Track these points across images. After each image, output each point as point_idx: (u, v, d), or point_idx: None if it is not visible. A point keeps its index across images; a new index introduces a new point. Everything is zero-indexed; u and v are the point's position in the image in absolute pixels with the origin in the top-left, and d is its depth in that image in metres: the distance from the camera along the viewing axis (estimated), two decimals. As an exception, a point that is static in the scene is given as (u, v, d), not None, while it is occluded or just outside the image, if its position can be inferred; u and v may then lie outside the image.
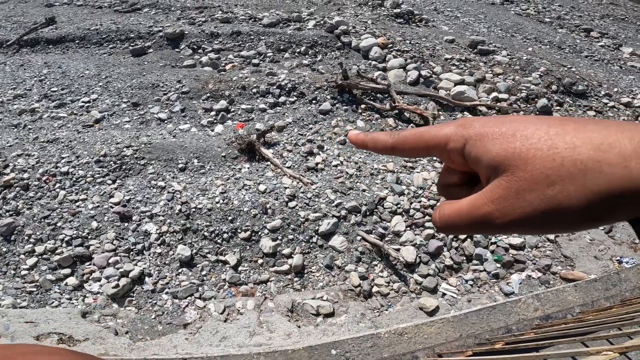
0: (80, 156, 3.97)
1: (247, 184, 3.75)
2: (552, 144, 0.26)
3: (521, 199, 0.26)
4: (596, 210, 0.25)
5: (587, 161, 0.24)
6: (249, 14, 6.59)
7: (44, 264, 3.15)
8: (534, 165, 0.26)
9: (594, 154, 0.24)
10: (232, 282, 3.17)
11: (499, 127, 0.29)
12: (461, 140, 0.31)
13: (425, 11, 8.30)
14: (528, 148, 0.26)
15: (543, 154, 0.26)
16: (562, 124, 0.27)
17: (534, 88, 5.65)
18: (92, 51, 6.13)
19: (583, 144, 0.25)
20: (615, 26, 11.43)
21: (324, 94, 4.87)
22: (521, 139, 0.27)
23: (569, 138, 0.25)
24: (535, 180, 0.26)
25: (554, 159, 0.25)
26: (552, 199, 0.25)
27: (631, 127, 0.25)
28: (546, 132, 0.26)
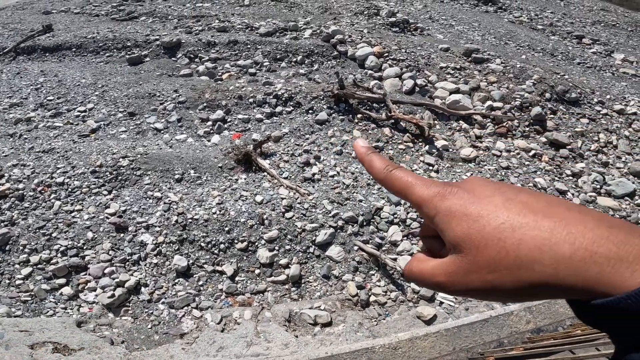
0: (76, 166, 3.96)
1: (244, 194, 3.76)
2: (503, 237, 0.30)
3: (467, 278, 0.32)
4: (523, 295, 0.31)
5: (524, 258, 0.29)
6: (245, 23, 6.62)
7: (38, 273, 3.14)
8: (482, 254, 0.31)
9: (532, 253, 0.29)
10: (229, 292, 3.17)
11: (468, 207, 0.33)
12: (433, 211, 0.35)
13: (420, 20, 8.39)
14: (483, 237, 0.31)
15: (493, 244, 0.31)
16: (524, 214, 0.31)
17: (527, 96, 5.72)
18: (89, 59, 6.13)
19: (528, 241, 0.29)
20: (606, 32, 11.58)
21: (320, 104, 4.90)
22: (479, 228, 0.32)
23: (519, 234, 0.30)
24: (481, 266, 0.31)
25: (499, 251, 0.30)
26: (490, 282, 0.31)
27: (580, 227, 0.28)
28: (504, 221, 0.31)
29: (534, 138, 5.26)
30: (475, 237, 0.32)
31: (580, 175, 4.79)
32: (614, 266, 0.26)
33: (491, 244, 0.31)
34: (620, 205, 4.45)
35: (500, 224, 0.31)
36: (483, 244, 0.31)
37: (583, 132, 5.49)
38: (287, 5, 7.80)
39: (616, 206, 4.42)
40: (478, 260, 0.31)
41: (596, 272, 0.27)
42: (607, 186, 4.68)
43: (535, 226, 0.29)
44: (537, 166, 4.81)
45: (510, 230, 0.30)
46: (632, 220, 4.29)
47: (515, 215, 0.31)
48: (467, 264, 0.32)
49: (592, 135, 5.54)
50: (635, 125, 5.88)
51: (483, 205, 0.33)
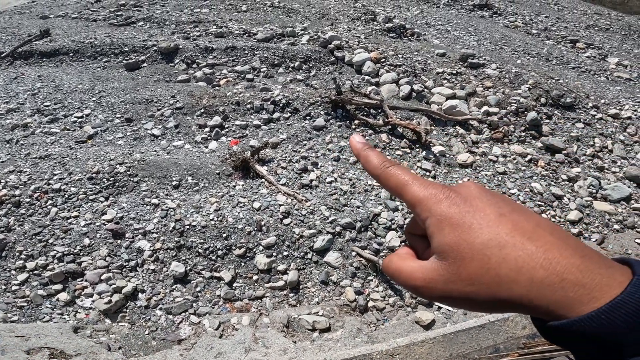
0: (73, 173, 3.96)
1: (242, 201, 3.76)
2: (488, 254, 0.32)
3: (446, 287, 0.33)
4: (494, 308, 0.33)
5: (503, 277, 0.31)
6: (243, 29, 6.64)
7: (35, 279, 3.14)
8: (466, 267, 0.32)
9: (511, 273, 0.31)
10: (227, 298, 3.18)
11: (462, 216, 0.34)
12: (426, 214, 0.36)
13: (416, 25, 8.45)
14: (470, 249, 0.32)
15: (479, 259, 0.32)
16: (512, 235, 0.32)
17: (523, 101, 5.75)
18: (86, 65, 6.13)
19: (509, 261, 0.31)
20: (600, 36, 11.69)
21: (317, 110, 4.92)
22: (469, 240, 0.33)
23: (503, 253, 0.32)
24: (462, 278, 0.32)
25: (482, 266, 0.32)
26: (467, 294, 0.33)
27: (556, 254, 0.31)
28: (492, 238, 0.32)
29: (529, 143, 5.30)
30: (463, 248, 0.33)
31: (576, 180, 4.82)
32: (576, 292, 0.29)
33: (477, 258, 0.32)
34: (617, 210, 4.48)
35: (489, 239, 0.32)
36: (469, 256, 0.32)
37: (578, 137, 5.53)
38: (285, 11, 7.83)
39: (612, 210, 4.45)
40: (461, 272, 0.32)
41: (561, 295, 0.29)
42: (603, 190, 4.71)
43: (520, 247, 0.31)
44: (534, 171, 4.84)
45: (497, 248, 0.32)
46: (629, 224, 4.32)
47: (504, 234, 0.32)
48: (449, 273, 0.33)
49: (587, 139, 5.59)
50: (630, 129, 5.92)
51: (477, 217, 0.33)
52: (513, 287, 0.31)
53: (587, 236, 4.15)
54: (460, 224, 0.33)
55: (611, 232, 4.23)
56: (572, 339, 0.29)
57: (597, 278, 0.29)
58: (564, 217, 4.29)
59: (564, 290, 0.29)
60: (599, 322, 0.28)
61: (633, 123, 6.00)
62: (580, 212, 4.34)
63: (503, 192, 4.43)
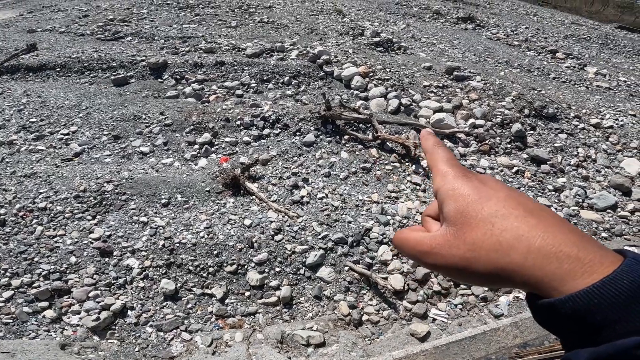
0: (59, 191, 3.90)
1: (232, 218, 3.74)
2: (492, 221, 0.34)
3: (449, 251, 0.36)
4: (492, 278, 0.34)
5: (504, 243, 0.33)
6: (232, 44, 6.67)
7: (20, 296, 3.08)
8: (471, 232, 0.35)
9: (511, 240, 0.33)
10: (219, 315, 3.15)
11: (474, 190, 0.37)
12: (443, 183, 0.40)
13: (403, 39, 8.60)
14: (477, 217, 0.35)
15: (483, 226, 0.34)
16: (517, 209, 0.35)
17: (507, 113, 5.87)
18: (73, 80, 6.07)
19: (510, 229, 0.33)
20: (578, 46, 12.05)
21: (307, 126, 4.94)
22: (478, 209, 0.36)
23: (506, 223, 0.34)
24: (466, 242, 0.35)
25: (485, 233, 0.34)
26: (467, 260, 0.34)
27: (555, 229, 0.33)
28: (498, 209, 0.35)
29: (515, 155, 5.40)
30: (470, 215, 0.35)
31: (562, 190, 4.91)
32: (570, 264, 0.30)
33: (482, 225, 0.34)
34: (603, 218, 4.56)
35: (495, 210, 0.35)
36: (475, 222, 0.35)
37: (562, 147, 5.66)
38: (274, 26, 7.91)
39: (599, 219, 4.53)
40: (466, 237, 0.35)
41: (555, 266, 0.31)
42: (589, 200, 4.81)
43: (522, 220, 0.34)
44: (521, 182, 4.92)
45: (501, 218, 0.34)
46: (616, 232, 4.41)
47: (510, 207, 0.35)
48: (455, 238, 0.35)
49: (571, 150, 5.72)
50: (612, 138, 6.08)
51: (487, 192, 0.37)
52: (511, 253, 0.32)
53: (576, 246, 4.21)
54: (471, 194, 0.37)
55: (599, 240, 4.31)
56: (561, 318, 0.30)
57: (590, 255, 0.31)
58: (552, 227, 4.36)
59: (559, 261, 0.31)
60: (590, 299, 0.29)
61: (615, 132, 6.17)
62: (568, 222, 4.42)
63: (491, 204, 4.49)
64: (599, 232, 4.40)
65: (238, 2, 9.47)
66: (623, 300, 0.28)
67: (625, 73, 9.89)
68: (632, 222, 4.57)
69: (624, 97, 8.06)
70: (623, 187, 5.01)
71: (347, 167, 4.58)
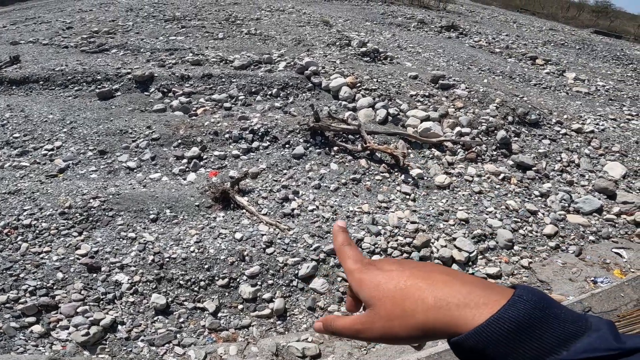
0: (44, 208, 3.82)
1: (223, 232, 3.71)
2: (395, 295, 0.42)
3: (375, 325, 0.43)
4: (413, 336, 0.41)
5: (407, 309, 0.40)
6: (220, 56, 6.67)
7: (7, 312, 3.02)
8: (383, 308, 0.42)
9: (412, 305, 0.40)
10: (212, 328, 3.12)
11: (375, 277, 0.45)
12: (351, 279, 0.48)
13: (389, 49, 8.73)
14: (383, 296, 0.43)
15: (389, 301, 0.42)
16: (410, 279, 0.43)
17: (492, 120, 5.98)
18: (57, 93, 5.98)
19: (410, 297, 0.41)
20: (557, 52, 12.39)
21: (296, 138, 4.95)
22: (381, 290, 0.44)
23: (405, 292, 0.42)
24: (382, 317, 0.42)
25: (392, 304, 0.42)
26: (389, 328, 0.42)
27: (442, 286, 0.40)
28: (396, 285, 0.43)
29: (501, 161, 5.50)
30: (378, 296, 0.43)
31: (548, 195, 5.01)
32: (460, 311, 0.37)
33: (388, 301, 0.42)
34: (590, 222, 4.65)
35: (394, 287, 0.43)
36: (383, 300, 0.43)
37: (546, 153, 5.78)
38: (261, 38, 7.94)
39: (586, 222, 4.61)
40: (381, 312, 0.43)
41: (450, 315, 0.37)
42: (574, 204, 4.90)
43: (415, 287, 0.41)
44: (507, 189, 5.00)
45: (400, 291, 0.42)
46: (603, 235, 4.48)
47: (404, 279, 0.43)
48: (375, 315, 0.43)
49: (554, 155, 5.85)
50: (594, 143, 6.23)
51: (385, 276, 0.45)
52: (416, 315, 0.40)
53: (565, 249, 4.28)
54: (373, 282, 0.45)
55: (587, 244, 4.38)
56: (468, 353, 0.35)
57: (475, 299, 0.37)
58: (540, 231, 4.43)
59: (450, 310, 0.38)
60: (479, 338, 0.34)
61: (596, 136, 6.33)
62: (555, 226, 4.49)
63: (480, 211, 4.55)
64: (587, 235, 4.48)
65: (225, 14, 9.49)
66: (506, 335, 0.33)
67: (603, 78, 10.20)
68: (618, 225, 4.67)
69: (603, 101, 8.30)
70: (607, 190, 5.13)
71: (337, 178, 4.59)
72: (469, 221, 4.31)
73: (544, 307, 0.34)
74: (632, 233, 4.57)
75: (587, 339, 0.32)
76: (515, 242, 4.19)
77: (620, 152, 6.07)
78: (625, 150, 6.10)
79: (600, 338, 0.32)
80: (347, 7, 13.86)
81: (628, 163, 5.82)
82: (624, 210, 4.85)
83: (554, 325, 0.33)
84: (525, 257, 4.03)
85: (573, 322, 0.33)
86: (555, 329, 0.33)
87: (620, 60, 12.85)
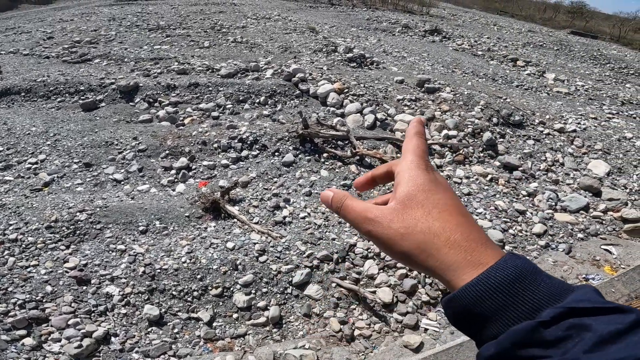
0: (29, 222, 3.75)
1: (215, 242, 3.67)
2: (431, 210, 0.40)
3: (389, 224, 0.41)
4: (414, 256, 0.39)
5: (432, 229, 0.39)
6: (206, 65, 6.63)
7: None
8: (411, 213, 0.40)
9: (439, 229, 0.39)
10: (208, 338, 3.08)
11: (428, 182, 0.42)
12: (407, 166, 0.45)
13: (375, 54, 8.82)
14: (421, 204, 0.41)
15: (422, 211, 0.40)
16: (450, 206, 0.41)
17: (477, 122, 6.08)
18: (39, 105, 5.86)
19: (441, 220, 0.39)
20: (536, 53, 12.71)
21: (286, 145, 4.94)
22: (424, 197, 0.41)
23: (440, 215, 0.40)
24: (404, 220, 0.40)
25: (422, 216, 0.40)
26: (401, 235, 0.40)
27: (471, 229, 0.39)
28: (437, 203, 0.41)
29: (489, 163, 5.58)
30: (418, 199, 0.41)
31: (535, 194, 5.09)
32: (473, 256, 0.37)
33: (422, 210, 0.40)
34: (577, 219, 4.72)
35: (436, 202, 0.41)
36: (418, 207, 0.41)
37: (531, 153, 5.89)
38: (248, 46, 7.94)
39: (574, 220, 4.68)
40: (406, 216, 0.40)
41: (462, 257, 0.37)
42: (561, 202, 4.97)
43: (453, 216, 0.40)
44: (496, 189, 5.07)
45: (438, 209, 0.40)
46: (592, 232, 4.55)
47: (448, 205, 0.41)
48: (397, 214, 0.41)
49: (539, 155, 5.96)
50: (576, 142, 6.38)
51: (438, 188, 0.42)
52: (434, 239, 0.38)
53: (555, 247, 4.33)
54: (424, 184, 0.42)
55: (577, 241, 4.44)
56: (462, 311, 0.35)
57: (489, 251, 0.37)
58: (530, 230, 4.48)
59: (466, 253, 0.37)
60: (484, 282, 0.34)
61: (578, 135, 6.48)
62: (544, 225, 4.55)
63: (471, 212, 4.59)
64: (575, 233, 4.55)
65: (210, 23, 9.47)
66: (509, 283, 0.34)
67: (582, 78, 10.49)
68: (605, 222, 4.76)
69: (583, 101, 8.53)
70: (592, 188, 5.23)
71: (328, 185, 4.60)
72: (459, 223, 4.34)
73: (534, 269, 0.35)
74: (619, 229, 4.66)
75: (579, 292, 0.33)
76: (506, 242, 4.24)
77: (602, 150, 6.22)
78: (608, 148, 6.26)
79: (589, 293, 0.33)
80: (332, 13, 13.99)
81: (611, 161, 5.97)
82: (610, 207, 4.94)
83: (546, 281, 0.34)
84: (516, 257, 4.07)
85: (561, 281, 0.35)
86: (548, 283, 0.34)
87: (597, 60, 13.24)
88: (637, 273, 3.72)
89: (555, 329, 0.30)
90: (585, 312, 0.31)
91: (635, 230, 4.60)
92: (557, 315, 0.31)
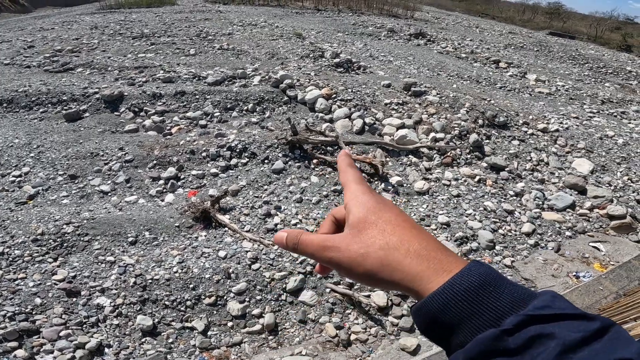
0: (15, 236, 3.68)
1: (206, 251, 3.64)
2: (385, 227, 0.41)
3: (347, 248, 0.42)
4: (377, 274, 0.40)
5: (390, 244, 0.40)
6: (192, 73, 6.58)
7: None
8: (367, 233, 0.42)
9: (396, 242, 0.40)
10: (203, 347, 3.05)
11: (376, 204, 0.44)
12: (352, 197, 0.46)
13: (362, 58, 8.89)
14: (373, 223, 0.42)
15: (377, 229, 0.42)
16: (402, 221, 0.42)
17: (464, 124, 6.17)
18: (21, 116, 5.72)
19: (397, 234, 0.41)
20: (517, 54, 12.98)
21: (275, 152, 4.92)
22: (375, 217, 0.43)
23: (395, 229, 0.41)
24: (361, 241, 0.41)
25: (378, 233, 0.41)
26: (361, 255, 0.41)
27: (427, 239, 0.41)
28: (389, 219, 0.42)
29: (476, 164, 5.66)
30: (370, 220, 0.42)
31: (523, 194, 5.18)
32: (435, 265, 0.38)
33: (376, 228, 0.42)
34: (565, 217, 4.81)
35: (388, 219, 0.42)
36: (371, 226, 0.42)
37: (517, 154, 6.00)
38: (234, 53, 7.90)
39: (561, 219, 4.76)
40: (362, 237, 0.41)
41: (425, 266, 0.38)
42: (548, 201, 5.07)
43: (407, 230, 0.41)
44: (484, 190, 5.14)
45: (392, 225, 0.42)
46: (579, 230, 4.64)
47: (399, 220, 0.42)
48: (353, 237, 0.42)
49: (524, 155, 6.07)
50: (560, 141, 6.52)
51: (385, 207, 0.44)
52: (394, 252, 0.39)
53: (544, 245, 4.39)
54: (372, 205, 0.44)
55: (565, 239, 4.52)
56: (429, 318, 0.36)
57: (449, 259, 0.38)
58: (519, 230, 4.55)
59: (428, 262, 0.38)
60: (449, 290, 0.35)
61: (561, 135, 6.63)
62: (533, 224, 4.62)
63: (460, 213, 4.65)
64: (563, 231, 4.62)
65: (196, 30, 9.41)
66: (474, 290, 0.34)
67: (562, 78, 10.75)
68: (592, 219, 4.86)
69: (564, 101, 8.73)
70: (578, 186, 5.34)
71: (319, 191, 4.60)
72: (450, 225, 4.39)
73: (497, 276, 0.35)
74: (606, 226, 4.76)
75: (540, 299, 0.33)
76: (496, 242, 4.30)
77: (585, 148, 6.37)
78: (591, 147, 6.42)
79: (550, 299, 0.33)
80: (318, 19, 14.06)
81: (594, 159, 6.12)
82: (595, 205, 5.05)
83: (509, 287, 0.34)
84: (507, 257, 4.13)
85: (525, 288, 0.35)
86: (511, 290, 0.34)
87: (576, 60, 13.59)
88: (624, 270, 3.80)
89: (518, 337, 0.31)
90: (547, 319, 0.31)
91: (621, 227, 4.70)
92: (520, 322, 0.31)
